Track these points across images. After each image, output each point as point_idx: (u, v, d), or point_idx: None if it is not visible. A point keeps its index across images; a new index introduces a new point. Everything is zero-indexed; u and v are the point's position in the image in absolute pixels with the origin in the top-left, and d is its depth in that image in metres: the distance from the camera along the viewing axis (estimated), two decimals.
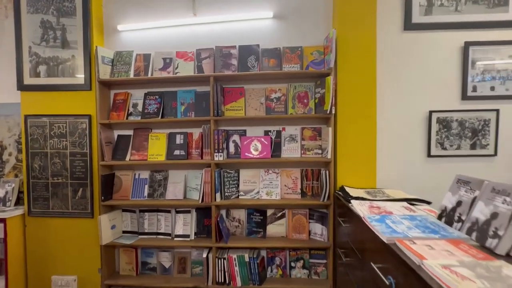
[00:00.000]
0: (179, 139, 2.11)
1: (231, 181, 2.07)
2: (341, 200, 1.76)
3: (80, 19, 2.06)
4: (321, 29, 2.06)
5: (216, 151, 1.96)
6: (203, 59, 2.08)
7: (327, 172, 1.90)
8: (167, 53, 2.11)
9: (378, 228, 1.11)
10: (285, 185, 2.06)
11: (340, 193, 1.84)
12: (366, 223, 1.21)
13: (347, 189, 1.83)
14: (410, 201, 1.54)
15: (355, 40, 1.90)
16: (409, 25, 1.98)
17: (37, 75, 2.09)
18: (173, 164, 2.15)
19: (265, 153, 2.02)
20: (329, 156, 1.90)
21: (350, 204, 1.55)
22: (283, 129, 2.10)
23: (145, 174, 2.17)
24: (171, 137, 2.12)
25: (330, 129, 1.88)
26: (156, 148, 2.10)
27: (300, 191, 2.04)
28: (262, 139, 2.05)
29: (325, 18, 2.06)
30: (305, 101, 2.03)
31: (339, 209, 1.87)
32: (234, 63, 2.05)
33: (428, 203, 1.53)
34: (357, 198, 1.59)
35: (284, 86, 2.06)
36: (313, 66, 2.00)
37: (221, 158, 1.97)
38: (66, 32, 2.07)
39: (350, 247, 1.55)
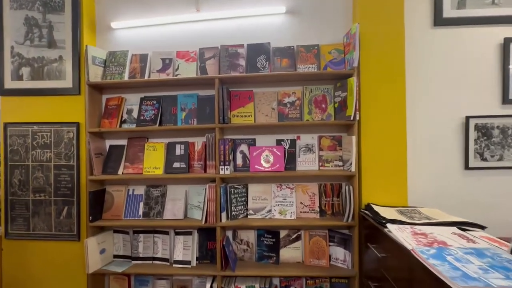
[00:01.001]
0: (179, 150, 1.85)
1: (238, 198, 1.80)
2: (369, 221, 1.49)
3: (69, 15, 1.83)
4: (340, 25, 1.83)
5: (221, 163, 1.70)
6: (207, 60, 1.85)
7: (350, 187, 1.63)
8: (166, 53, 1.88)
9: (441, 270, 0.84)
10: (301, 203, 1.79)
11: (367, 212, 1.57)
12: (421, 260, 0.93)
13: (375, 207, 1.57)
14: (459, 225, 1.27)
15: (380, 36, 1.67)
16: (439, 20, 1.75)
17: (20, 78, 1.86)
18: (172, 179, 1.88)
19: (277, 165, 1.76)
20: (353, 169, 1.63)
21: (386, 229, 1.28)
22: (298, 137, 1.84)
23: (140, 190, 1.90)
24: (170, 148, 1.87)
25: (354, 138, 1.62)
26: (153, 160, 1.84)
27: (318, 210, 1.77)
28: (274, 150, 1.79)
29: (344, 13, 1.83)
30: (323, 106, 1.78)
31: (365, 230, 1.59)
32: (242, 64, 1.82)
33: (482, 228, 1.26)
34: (393, 222, 1.32)
35: (298, 89, 1.82)
36: (332, 67, 1.76)
37: (227, 172, 1.70)
38: (53, 30, 1.85)
39: (384, 277, 1.27)
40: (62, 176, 1.83)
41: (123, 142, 1.93)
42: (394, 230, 1.23)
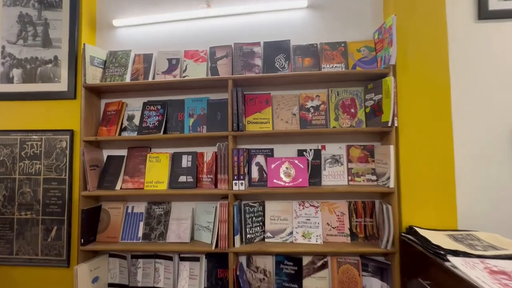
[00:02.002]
0: (186, 161, 1.62)
1: (254, 218, 1.54)
2: (414, 247, 1.23)
3: (67, 12, 1.66)
4: (368, 20, 1.62)
5: (235, 177, 1.46)
6: (219, 59, 1.64)
7: (388, 207, 1.36)
8: (173, 52, 1.68)
9: None
10: (328, 224, 1.52)
11: (409, 237, 1.31)
12: None
13: (421, 231, 1.30)
14: None
15: (418, 30, 1.44)
16: (485, 13, 1.53)
17: (10, 80, 1.67)
18: (178, 195, 1.64)
19: (300, 180, 1.51)
20: (391, 184, 1.37)
21: (448, 264, 1.00)
22: (323, 147, 1.59)
23: (140, 207, 1.65)
24: (175, 159, 1.63)
25: (392, 148, 1.37)
26: (156, 173, 1.60)
27: (348, 232, 1.50)
28: (296, 161, 1.54)
29: (372, 7, 1.63)
30: (352, 110, 1.55)
31: (408, 258, 1.32)
32: (258, 64, 1.60)
33: None
34: (456, 253, 1.05)
35: (323, 92, 1.59)
36: (362, 66, 1.53)
37: (242, 187, 1.45)
38: (49, 28, 1.67)
39: None
40: (52, 191, 1.60)
41: (123, 152, 1.71)
42: (461, 266, 0.96)
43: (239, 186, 1.46)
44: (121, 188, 1.60)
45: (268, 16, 1.67)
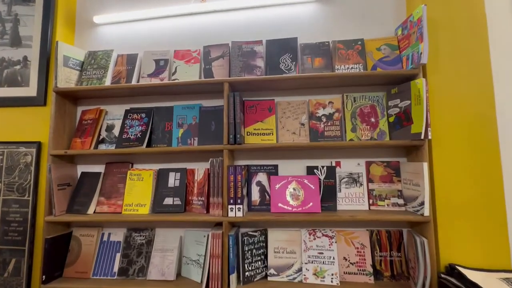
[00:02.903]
0: (173, 180, 1.36)
1: (254, 250, 1.25)
2: None
3: (40, 6, 1.44)
4: (388, 14, 1.39)
5: (231, 201, 1.19)
6: (214, 60, 1.40)
7: (423, 241, 1.08)
8: (161, 52, 1.45)
9: None
10: (345, 258, 1.24)
11: (451, 279, 1.02)
12: None
13: (467, 272, 1.02)
14: None
15: (452, 22, 1.20)
16: None
17: None
18: (163, 221, 1.36)
19: (310, 204, 1.23)
20: (426, 212, 1.10)
21: None
22: (337, 164, 1.33)
23: (118, 235, 1.38)
24: (161, 177, 1.37)
25: (426, 166, 1.11)
26: (137, 193, 1.33)
27: (371, 270, 1.21)
28: (305, 181, 1.27)
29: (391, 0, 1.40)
30: (372, 120, 1.29)
31: None
32: (259, 65, 1.36)
33: None
34: None
35: (337, 98, 1.33)
36: (384, 67, 1.29)
37: (239, 214, 1.18)
38: (19, 24, 1.45)
39: None
40: (12, 216, 1.33)
41: (100, 168, 1.45)
42: None
43: (236, 212, 1.18)
44: (94, 212, 1.33)
45: (271, 11, 1.45)
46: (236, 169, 1.20)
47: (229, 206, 1.19)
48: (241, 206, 1.19)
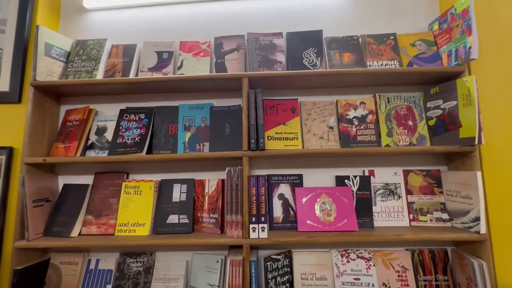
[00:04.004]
0: (178, 193, 1.13)
1: (278, 277, 1.05)
2: None
3: None
4: (419, 7, 1.27)
5: (253, 219, 0.98)
6: (227, 53, 1.22)
7: (482, 264, 0.92)
8: (164, 43, 1.25)
9: None
10: (385, 284, 1.05)
11: None
12: None
13: None
14: None
15: (498, 17, 1.09)
16: None
17: None
18: (165, 246, 1.13)
19: (345, 220, 1.05)
20: (483, 229, 0.94)
21: None
22: (371, 173, 1.16)
23: (109, 262, 1.13)
24: (164, 190, 1.15)
25: (479, 176, 0.96)
26: (135, 210, 1.10)
27: None
28: (337, 193, 1.09)
29: None
30: (410, 123, 1.14)
31: None
32: (280, 60, 1.19)
33: None
34: None
35: (369, 98, 1.18)
36: (421, 63, 1.15)
37: (264, 234, 0.97)
38: None
39: None
40: None
41: (87, 179, 1.20)
42: None
43: (259, 233, 0.98)
44: (80, 234, 1.08)
45: (290, 0, 1.29)
46: (259, 180, 1.01)
47: (251, 226, 0.98)
48: (265, 226, 0.98)
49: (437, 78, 1.12)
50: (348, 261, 1.08)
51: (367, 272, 1.06)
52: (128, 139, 1.13)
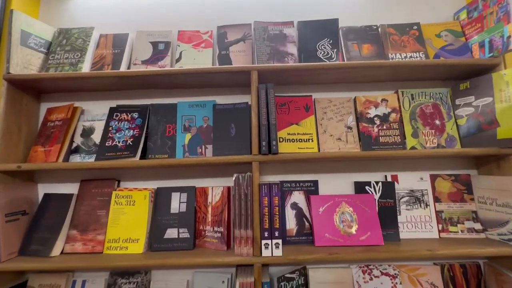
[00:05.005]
0: (177, 203, 0.99)
1: None
2: None
3: None
4: None
5: (265, 233, 0.85)
6: (232, 44, 1.08)
7: None
8: (160, 33, 1.10)
9: None
10: None
11: None
12: None
13: None
14: None
15: None
16: None
17: None
18: (164, 264, 0.98)
19: (368, 233, 0.92)
20: None
21: None
22: (394, 178, 1.04)
23: (97, 283, 0.98)
24: (160, 199, 1.00)
25: None
26: (127, 224, 0.95)
27: None
28: (357, 202, 0.97)
29: None
30: (437, 122, 1.02)
31: None
32: (291, 52, 1.06)
33: None
34: None
35: (391, 95, 1.05)
36: (448, 56, 1.04)
37: (278, 252, 0.84)
38: None
39: None
40: None
41: (72, 188, 1.05)
42: None
43: (273, 250, 0.84)
44: (62, 253, 0.93)
45: None
46: (272, 188, 0.87)
47: (263, 242, 0.84)
48: (279, 241, 0.85)
49: (467, 72, 1.01)
50: (371, 278, 0.96)
51: None
52: (119, 142, 0.99)
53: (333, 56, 1.05)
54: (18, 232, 0.93)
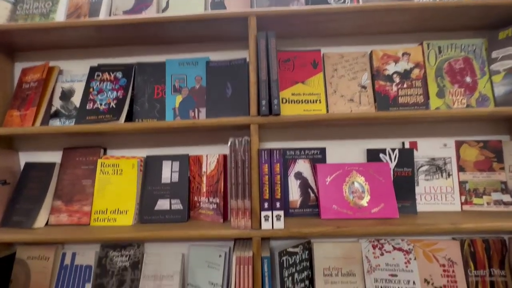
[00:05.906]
0: (169, 173, 0.90)
1: (296, 274, 0.84)
2: None
3: None
4: None
5: (265, 204, 0.75)
6: None
7: None
8: None
9: None
10: (426, 281, 0.85)
11: None
12: None
13: None
14: None
15: None
16: None
17: None
18: (155, 237, 0.90)
19: (382, 204, 0.82)
20: None
21: None
22: (412, 145, 0.91)
23: (87, 256, 0.92)
24: (151, 168, 0.91)
25: None
26: (114, 194, 0.87)
27: None
28: (370, 170, 0.86)
29: None
30: (468, 79, 0.87)
31: None
32: None
33: None
34: None
35: (414, 48, 0.90)
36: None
37: (279, 224, 0.75)
38: None
39: None
40: None
41: (54, 157, 0.96)
42: None
43: (274, 223, 0.75)
44: (47, 225, 0.86)
45: None
46: (272, 154, 0.76)
47: (263, 213, 0.75)
48: (281, 213, 0.76)
49: (509, 16, 0.84)
50: (382, 254, 0.87)
51: (406, 267, 0.85)
52: (101, 104, 0.88)
53: (346, 2, 0.89)
54: (1, 202, 0.86)
